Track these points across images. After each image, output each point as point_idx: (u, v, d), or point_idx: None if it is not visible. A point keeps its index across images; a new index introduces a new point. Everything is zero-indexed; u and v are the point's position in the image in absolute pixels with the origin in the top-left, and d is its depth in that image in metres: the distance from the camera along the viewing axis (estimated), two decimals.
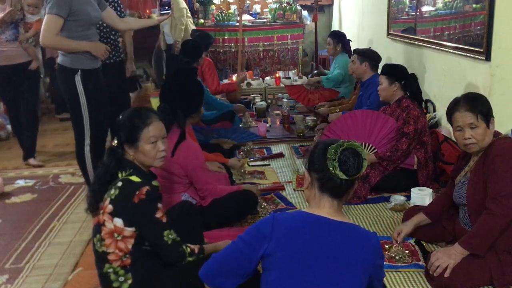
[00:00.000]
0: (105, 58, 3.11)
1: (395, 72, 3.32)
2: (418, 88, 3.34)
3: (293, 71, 6.51)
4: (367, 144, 3.23)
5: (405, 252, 2.36)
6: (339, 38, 4.98)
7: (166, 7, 3.20)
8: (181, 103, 2.58)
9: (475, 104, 2.13)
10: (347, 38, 5.09)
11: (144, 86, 6.62)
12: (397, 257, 2.33)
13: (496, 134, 2.18)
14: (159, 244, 1.85)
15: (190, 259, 1.91)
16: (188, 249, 1.91)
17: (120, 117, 1.95)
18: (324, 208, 1.54)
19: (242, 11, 6.32)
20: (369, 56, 4.02)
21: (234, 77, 5.88)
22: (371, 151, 3.20)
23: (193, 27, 5.98)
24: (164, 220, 1.85)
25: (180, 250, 1.88)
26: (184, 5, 5.76)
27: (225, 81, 5.92)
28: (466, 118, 2.12)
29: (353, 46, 4.91)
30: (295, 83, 5.87)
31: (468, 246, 2.07)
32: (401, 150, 3.10)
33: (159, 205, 1.84)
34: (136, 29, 4.82)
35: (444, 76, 3.52)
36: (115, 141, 1.93)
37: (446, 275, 2.05)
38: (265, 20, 6.98)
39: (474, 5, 3.06)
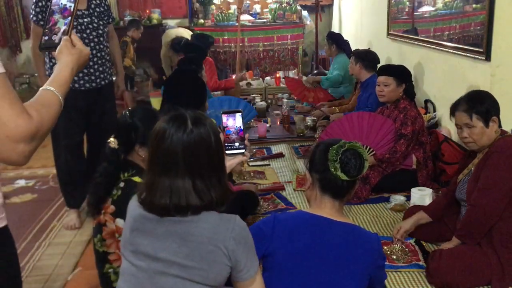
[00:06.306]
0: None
1: (404, 73, 3.30)
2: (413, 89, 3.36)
3: (293, 71, 6.51)
4: (365, 146, 3.21)
5: (405, 250, 2.39)
6: (333, 39, 4.98)
7: (236, 144, 1.59)
8: (185, 100, 2.57)
9: (473, 103, 2.18)
10: (345, 38, 5.09)
11: (144, 85, 6.61)
12: (394, 256, 2.34)
13: (503, 132, 2.20)
14: None
15: None
16: None
17: (131, 119, 1.91)
18: (325, 208, 1.54)
19: (241, 11, 6.32)
20: (362, 56, 4.02)
21: (234, 77, 5.89)
22: (370, 153, 3.19)
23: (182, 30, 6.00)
24: None
25: None
26: (168, 38, 5.82)
27: None
28: (462, 118, 2.20)
29: (353, 46, 4.90)
30: None
31: (459, 236, 2.19)
32: (399, 151, 3.10)
33: None
34: None
35: (444, 76, 3.52)
36: (114, 143, 1.90)
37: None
38: (265, 20, 6.97)
39: (474, 5, 3.06)
